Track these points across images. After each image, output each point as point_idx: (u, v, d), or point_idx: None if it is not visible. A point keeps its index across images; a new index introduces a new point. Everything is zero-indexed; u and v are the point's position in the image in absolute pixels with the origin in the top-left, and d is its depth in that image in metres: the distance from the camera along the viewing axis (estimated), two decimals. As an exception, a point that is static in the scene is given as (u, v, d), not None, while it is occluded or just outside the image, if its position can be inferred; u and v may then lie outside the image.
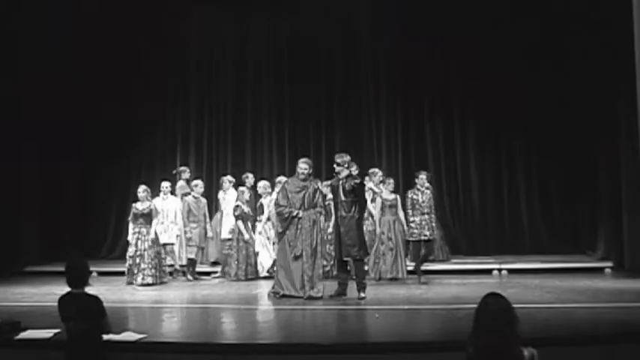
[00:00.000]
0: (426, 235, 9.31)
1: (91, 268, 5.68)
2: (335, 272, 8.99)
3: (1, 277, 9.95)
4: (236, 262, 9.83)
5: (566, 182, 11.86)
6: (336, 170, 7.94)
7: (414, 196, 9.45)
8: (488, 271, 10.17)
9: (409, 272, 9.47)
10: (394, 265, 9.45)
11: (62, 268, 4.67)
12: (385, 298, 7.85)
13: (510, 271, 10.11)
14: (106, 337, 4.70)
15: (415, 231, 9.35)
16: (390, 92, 12.61)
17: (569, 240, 11.68)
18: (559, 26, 11.34)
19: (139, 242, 9.46)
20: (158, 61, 12.49)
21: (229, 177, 11.00)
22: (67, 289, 4.62)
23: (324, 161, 12.30)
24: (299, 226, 7.86)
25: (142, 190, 9.73)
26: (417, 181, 9.61)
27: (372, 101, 12.68)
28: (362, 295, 7.65)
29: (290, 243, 7.85)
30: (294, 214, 7.87)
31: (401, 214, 9.71)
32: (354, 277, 7.91)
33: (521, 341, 3.18)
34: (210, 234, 10.52)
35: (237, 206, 9.91)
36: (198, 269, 10.39)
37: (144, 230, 9.51)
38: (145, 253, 9.40)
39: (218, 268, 10.51)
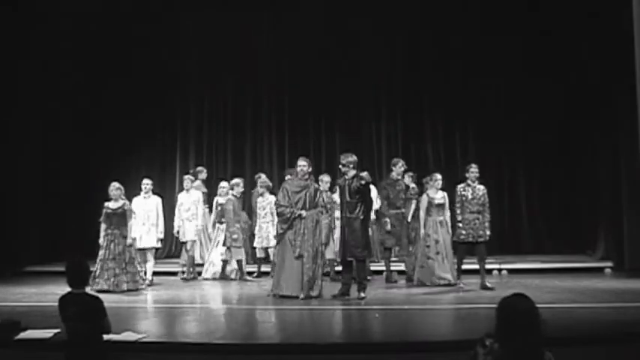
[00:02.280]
0: (475, 237, 8.30)
1: (91, 269, 5.68)
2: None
3: (1, 277, 9.95)
4: None
5: (566, 182, 11.86)
6: (342, 170, 7.90)
7: (463, 192, 8.41)
8: (489, 271, 10.15)
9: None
10: (442, 270, 8.56)
11: (62, 268, 4.68)
12: (385, 298, 7.85)
13: (510, 271, 10.11)
14: (106, 337, 4.70)
15: (463, 232, 8.34)
16: (390, 91, 12.60)
17: (569, 240, 11.69)
18: (559, 25, 11.35)
19: (112, 245, 8.68)
20: (158, 62, 12.49)
21: (190, 176, 10.49)
22: (67, 289, 4.62)
23: (324, 161, 12.32)
24: (302, 226, 7.82)
25: (114, 187, 8.92)
26: (467, 175, 8.53)
27: (372, 101, 12.68)
28: (362, 295, 7.65)
29: (292, 243, 7.81)
30: (297, 214, 7.84)
31: (447, 214, 8.85)
32: (356, 277, 7.89)
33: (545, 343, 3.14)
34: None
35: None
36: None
37: (117, 232, 8.74)
38: (119, 257, 8.64)
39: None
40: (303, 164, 8.07)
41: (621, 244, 10.15)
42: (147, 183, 9.74)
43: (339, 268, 9.55)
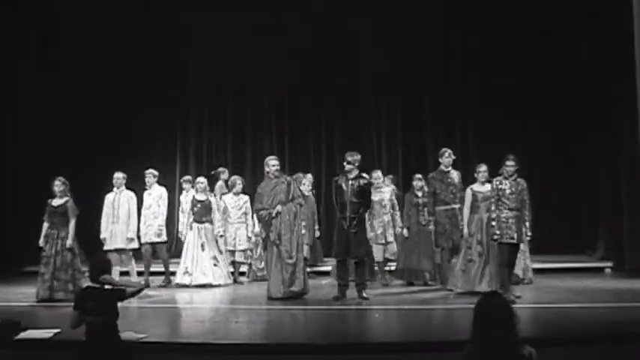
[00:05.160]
0: (510, 238, 7.29)
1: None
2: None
3: (2, 277, 9.96)
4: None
5: (566, 182, 11.85)
6: (346, 168, 7.82)
7: (500, 186, 7.48)
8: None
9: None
10: (488, 274, 7.67)
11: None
12: (386, 299, 7.85)
13: (510, 271, 10.08)
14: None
15: (497, 231, 7.34)
16: (390, 91, 12.60)
17: (569, 240, 11.68)
18: (559, 25, 11.35)
19: (51, 247, 7.86)
20: (158, 62, 12.48)
21: (153, 170, 9.60)
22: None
23: (323, 161, 12.31)
24: (279, 223, 7.76)
25: (58, 183, 8.09)
26: (505, 169, 7.56)
27: (372, 101, 12.68)
28: (364, 295, 7.63)
29: (275, 242, 7.78)
30: (274, 213, 7.78)
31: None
32: (356, 277, 7.84)
33: (521, 339, 3.20)
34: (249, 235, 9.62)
35: None
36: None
37: (54, 232, 7.95)
38: (52, 259, 7.76)
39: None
40: (274, 163, 8.00)
41: (621, 244, 10.16)
42: (117, 177, 8.84)
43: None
